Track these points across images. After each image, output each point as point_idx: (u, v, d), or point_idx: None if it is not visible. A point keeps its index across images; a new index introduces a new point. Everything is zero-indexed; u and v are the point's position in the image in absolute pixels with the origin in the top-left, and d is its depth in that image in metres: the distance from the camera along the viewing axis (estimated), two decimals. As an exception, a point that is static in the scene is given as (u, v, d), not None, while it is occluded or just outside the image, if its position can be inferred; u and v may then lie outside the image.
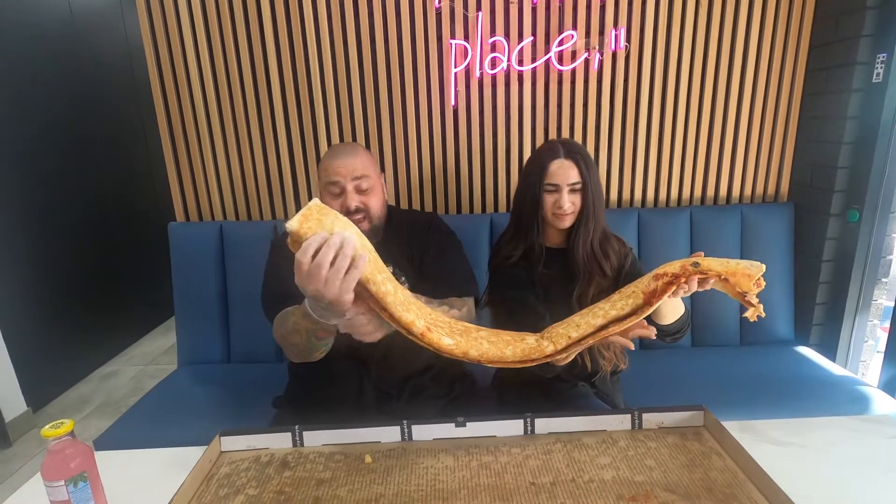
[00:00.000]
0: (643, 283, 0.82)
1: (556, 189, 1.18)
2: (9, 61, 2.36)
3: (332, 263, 0.71)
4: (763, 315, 0.78)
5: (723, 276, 0.79)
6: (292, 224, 0.73)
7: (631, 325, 0.81)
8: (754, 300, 0.78)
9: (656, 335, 1.14)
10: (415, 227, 1.28)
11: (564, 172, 1.17)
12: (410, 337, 0.78)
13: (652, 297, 0.80)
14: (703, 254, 0.83)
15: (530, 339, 0.81)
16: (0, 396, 2.19)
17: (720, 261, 0.80)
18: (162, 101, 1.81)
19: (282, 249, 1.05)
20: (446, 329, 0.81)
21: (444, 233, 1.31)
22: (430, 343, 0.78)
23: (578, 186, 1.18)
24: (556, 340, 0.80)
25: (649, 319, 1.11)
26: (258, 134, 1.84)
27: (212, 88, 1.80)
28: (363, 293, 0.76)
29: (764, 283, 0.78)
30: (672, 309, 1.06)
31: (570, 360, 0.80)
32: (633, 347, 0.83)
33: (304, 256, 0.71)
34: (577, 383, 1.30)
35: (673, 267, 0.82)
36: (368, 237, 1.11)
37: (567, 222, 1.21)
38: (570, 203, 1.18)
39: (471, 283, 1.24)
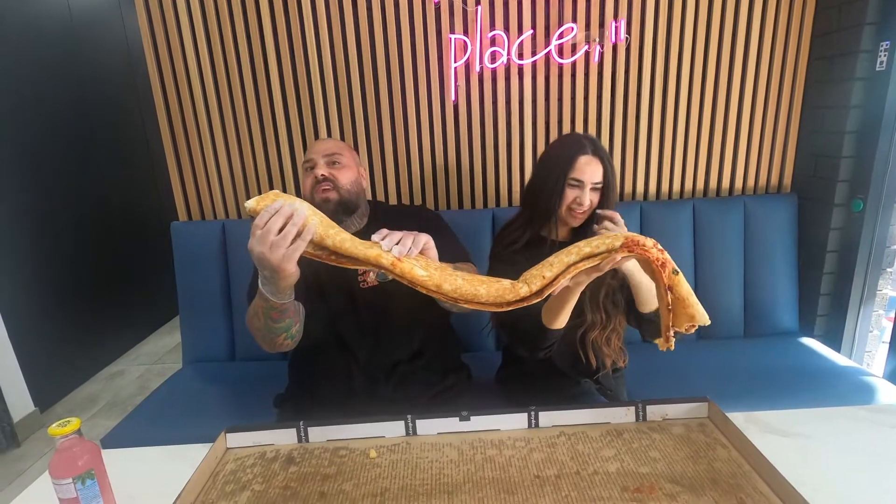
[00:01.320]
0: (631, 234, 0.81)
1: (580, 185, 1.16)
2: (9, 63, 2.36)
3: (281, 231, 0.79)
4: (672, 349, 0.82)
5: (670, 303, 0.80)
6: (250, 203, 0.82)
7: (603, 262, 0.80)
8: (672, 336, 0.81)
9: (645, 326, 1.15)
10: (402, 217, 1.31)
11: (591, 170, 1.15)
12: (383, 270, 0.80)
13: (632, 247, 0.79)
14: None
15: (506, 282, 0.81)
16: (8, 397, 2.21)
17: (689, 289, 0.81)
18: (162, 101, 1.81)
19: None
20: (421, 262, 0.81)
21: (432, 218, 1.36)
22: (403, 273, 0.78)
23: (600, 186, 1.17)
24: (531, 282, 0.80)
25: (638, 316, 1.13)
26: (259, 131, 1.84)
27: (212, 86, 1.80)
28: (322, 254, 0.81)
29: (693, 331, 0.80)
30: (652, 295, 1.07)
31: (543, 297, 0.80)
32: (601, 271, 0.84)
33: (260, 221, 0.80)
34: (580, 380, 1.30)
35: (660, 255, 0.80)
36: (338, 211, 1.19)
37: (580, 221, 1.20)
38: (589, 201, 1.17)
39: (467, 255, 1.27)
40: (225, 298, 1.80)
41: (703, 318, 0.79)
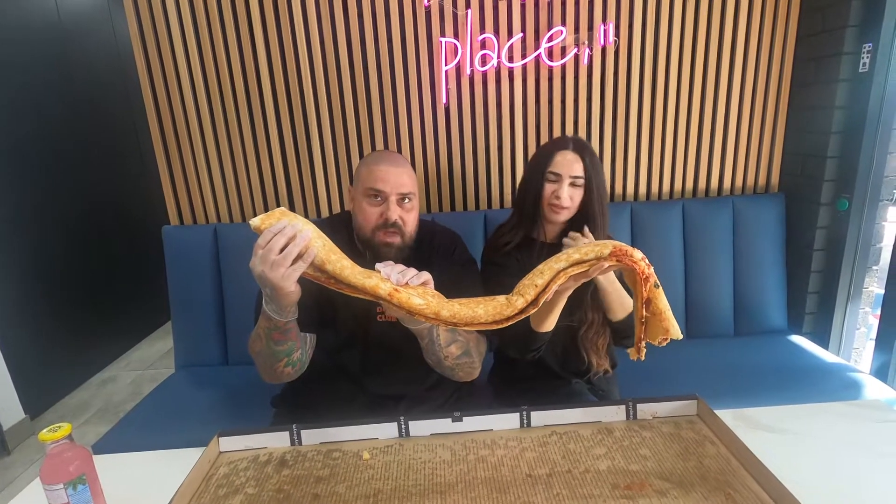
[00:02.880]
0: (620, 244, 0.83)
1: (558, 179, 1.18)
2: (-3, 67, 2.35)
3: (283, 251, 0.80)
4: (642, 359, 0.85)
5: (645, 315, 0.82)
6: (255, 221, 0.82)
7: (592, 269, 0.82)
8: (643, 347, 0.84)
9: (614, 336, 1.17)
10: (437, 247, 1.23)
11: (568, 163, 1.17)
12: (379, 300, 0.80)
13: (621, 256, 0.81)
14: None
15: (501, 298, 0.82)
16: (-3, 404, 2.19)
17: (666, 303, 0.83)
18: (153, 104, 1.80)
19: None
20: (418, 291, 0.82)
21: (465, 262, 1.25)
22: (400, 303, 0.79)
23: (580, 182, 1.17)
24: (525, 292, 0.81)
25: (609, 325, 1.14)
26: (250, 135, 1.83)
27: (202, 90, 1.79)
28: (323, 277, 0.82)
29: (665, 344, 0.83)
30: (620, 304, 1.10)
31: (537, 308, 0.81)
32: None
33: (262, 241, 0.81)
34: (572, 381, 1.31)
35: (647, 269, 0.82)
36: (397, 256, 1.08)
37: (562, 216, 1.20)
38: (568, 196, 1.17)
39: None
40: (217, 303, 1.80)
41: (677, 332, 0.82)
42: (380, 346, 1.15)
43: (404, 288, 0.81)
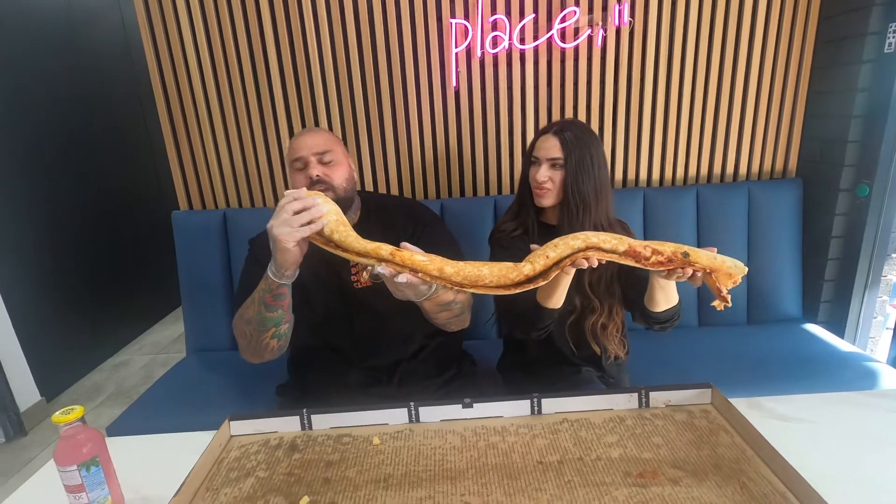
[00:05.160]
0: (636, 241, 0.83)
1: (537, 162, 1.20)
2: (6, 55, 2.34)
3: (297, 214, 0.86)
4: (730, 305, 0.82)
5: (707, 270, 0.82)
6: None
7: (608, 257, 0.83)
8: (727, 296, 0.82)
9: (649, 321, 1.15)
10: (395, 212, 1.27)
11: (547, 147, 1.18)
12: (383, 263, 0.81)
13: (637, 258, 0.81)
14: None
15: (508, 263, 0.82)
16: (14, 387, 2.22)
17: (708, 255, 0.83)
18: (161, 90, 1.80)
19: (259, 257, 1.11)
20: (420, 251, 0.83)
21: (428, 217, 1.30)
22: (403, 260, 0.80)
23: (559, 162, 1.17)
24: (535, 261, 0.81)
25: (644, 312, 1.13)
26: (258, 120, 1.82)
27: (211, 75, 1.78)
28: (329, 243, 0.87)
29: (740, 281, 0.82)
30: (665, 298, 1.06)
31: (549, 280, 0.82)
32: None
33: (283, 201, 0.88)
34: (583, 368, 1.30)
35: (665, 248, 0.83)
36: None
37: (546, 199, 1.20)
38: (546, 177, 1.18)
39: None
40: (227, 287, 1.80)
41: (739, 269, 0.81)
42: (364, 315, 1.18)
43: (405, 248, 0.82)
